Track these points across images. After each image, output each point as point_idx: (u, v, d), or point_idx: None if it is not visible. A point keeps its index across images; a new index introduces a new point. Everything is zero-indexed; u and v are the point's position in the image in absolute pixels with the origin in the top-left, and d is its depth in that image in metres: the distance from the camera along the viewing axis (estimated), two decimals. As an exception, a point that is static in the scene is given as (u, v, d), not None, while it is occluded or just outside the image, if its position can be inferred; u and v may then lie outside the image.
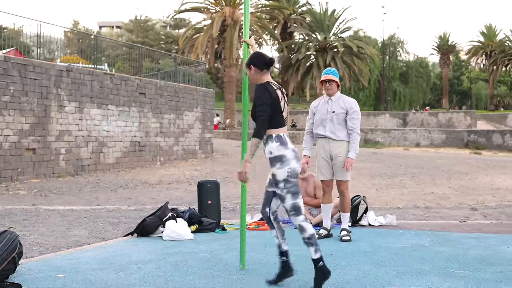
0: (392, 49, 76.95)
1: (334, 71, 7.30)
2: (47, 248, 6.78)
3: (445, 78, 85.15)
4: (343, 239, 6.95)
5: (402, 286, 4.82)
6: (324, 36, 47.00)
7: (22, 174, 15.48)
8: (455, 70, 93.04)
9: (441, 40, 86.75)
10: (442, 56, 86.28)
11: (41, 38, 17.95)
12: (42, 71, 16.20)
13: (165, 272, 5.26)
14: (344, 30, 49.21)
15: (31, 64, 15.88)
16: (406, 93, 76.20)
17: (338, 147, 7.08)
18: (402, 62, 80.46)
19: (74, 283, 4.84)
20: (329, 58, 45.18)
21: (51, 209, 10.37)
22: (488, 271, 5.32)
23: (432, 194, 14.30)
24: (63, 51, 29.17)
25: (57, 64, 17.68)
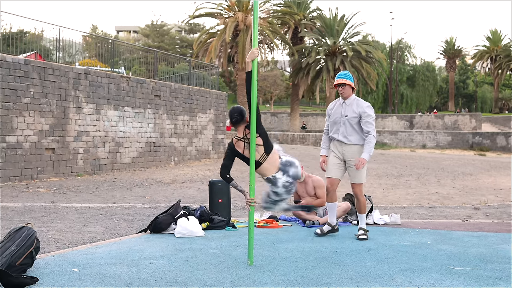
0: (399, 54, 76.72)
1: (347, 74, 7.12)
2: (64, 243, 6.83)
3: (451, 82, 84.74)
4: (359, 237, 6.91)
5: (404, 282, 4.82)
6: (333, 41, 46.86)
7: (41, 172, 15.58)
8: (461, 74, 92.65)
9: (448, 45, 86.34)
10: (448, 60, 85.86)
11: (61, 42, 18.06)
12: (61, 74, 16.30)
13: (176, 268, 5.29)
14: (353, 35, 49.03)
15: (51, 67, 15.99)
16: (413, 96, 75.91)
17: (350, 151, 7.01)
18: (410, 66, 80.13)
19: (89, 277, 4.88)
20: (338, 62, 45.06)
21: (68, 207, 10.44)
22: (487, 269, 5.31)
23: (436, 194, 14.26)
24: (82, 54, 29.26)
25: (75, 67, 17.80)
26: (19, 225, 5.67)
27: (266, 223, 8.03)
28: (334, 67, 45.28)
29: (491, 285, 4.73)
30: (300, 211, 8.22)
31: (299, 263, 5.49)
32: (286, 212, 5.58)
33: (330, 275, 5.06)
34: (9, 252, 4.70)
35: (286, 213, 9.31)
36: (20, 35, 21.67)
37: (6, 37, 20.69)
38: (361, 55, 45.39)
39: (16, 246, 4.77)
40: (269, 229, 7.73)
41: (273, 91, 72.04)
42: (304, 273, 5.12)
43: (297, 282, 4.80)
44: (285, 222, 8.41)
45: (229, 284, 4.71)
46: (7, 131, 14.64)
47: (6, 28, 48.04)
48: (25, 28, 48.83)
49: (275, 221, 8.16)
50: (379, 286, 4.68)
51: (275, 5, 46.59)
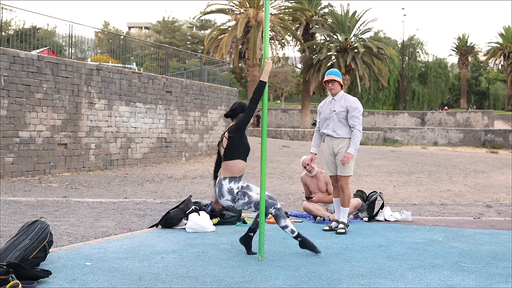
0: (411, 50, 76.41)
1: (336, 71, 7.34)
2: (76, 237, 6.88)
3: (463, 79, 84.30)
4: (338, 231, 7.01)
5: (415, 279, 4.82)
6: (345, 37, 46.72)
7: (54, 167, 15.68)
8: (473, 71, 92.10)
9: (460, 41, 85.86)
10: (460, 57, 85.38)
11: (73, 38, 18.14)
12: (74, 69, 16.38)
13: (187, 262, 5.32)
14: (365, 31, 48.85)
15: (63, 63, 16.06)
16: (424, 93, 75.60)
17: (339, 144, 7.20)
18: (421, 63, 79.78)
19: (101, 270, 4.92)
20: (349, 58, 44.93)
21: (81, 201, 10.50)
22: (499, 266, 5.31)
23: (448, 191, 14.22)
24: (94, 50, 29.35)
25: (87, 63, 17.87)
26: (32, 219, 5.72)
27: (277, 219, 8.03)
28: (346, 63, 45.17)
29: (503, 282, 4.72)
30: (311, 207, 8.24)
31: (309, 259, 5.50)
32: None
33: (341, 271, 5.07)
34: (23, 246, 4.74)
35: (297, 209, 9.34)
36: (33, 31, 21.78)
37: (19, 33, 20.79)
38: (373, 52, 45.24)
39: (29, 240, 4.82)
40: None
41: (284, 87, 72.02)
42: (315, 269, 5.13)
43: (307, 278, 4.82)
44: (296, 218, 8.43)
45: (240, 279, 4.74)
46: (20, 126, 14.73)
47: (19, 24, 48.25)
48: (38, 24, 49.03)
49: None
50: (390, 283, 4.68)
51: (287, 1, 46.50)
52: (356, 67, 45.42)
